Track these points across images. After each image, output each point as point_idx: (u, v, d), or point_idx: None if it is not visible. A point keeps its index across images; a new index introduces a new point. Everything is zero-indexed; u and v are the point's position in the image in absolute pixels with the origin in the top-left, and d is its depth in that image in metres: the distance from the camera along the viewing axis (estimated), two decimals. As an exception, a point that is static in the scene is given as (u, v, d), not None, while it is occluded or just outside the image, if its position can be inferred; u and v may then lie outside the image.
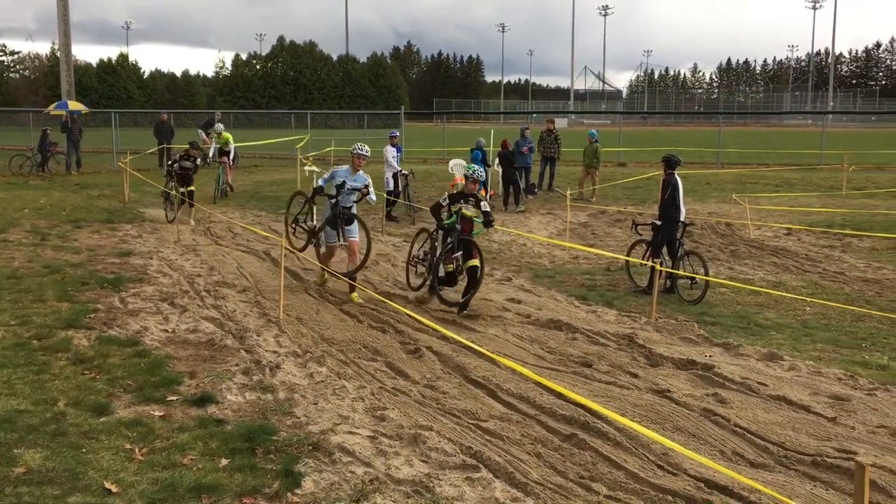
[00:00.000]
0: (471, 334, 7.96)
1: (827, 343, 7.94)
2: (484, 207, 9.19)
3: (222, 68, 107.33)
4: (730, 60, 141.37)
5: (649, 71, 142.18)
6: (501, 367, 6.85)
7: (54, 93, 57.73)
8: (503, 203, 17.89)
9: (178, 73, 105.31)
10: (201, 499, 4.54)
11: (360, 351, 7.50)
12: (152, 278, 10.32)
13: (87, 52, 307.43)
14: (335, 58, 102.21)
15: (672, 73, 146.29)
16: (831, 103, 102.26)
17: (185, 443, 5.28)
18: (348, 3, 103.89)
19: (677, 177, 10.27)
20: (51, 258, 11.51)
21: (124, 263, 11.28)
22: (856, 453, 5.21)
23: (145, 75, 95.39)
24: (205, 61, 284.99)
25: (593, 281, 10.94)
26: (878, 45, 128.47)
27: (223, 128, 18.74)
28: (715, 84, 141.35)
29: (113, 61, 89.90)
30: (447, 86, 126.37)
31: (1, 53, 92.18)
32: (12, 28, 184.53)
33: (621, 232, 14.89)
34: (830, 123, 62.68)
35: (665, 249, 10.20)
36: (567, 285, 10.62)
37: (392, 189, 16.65)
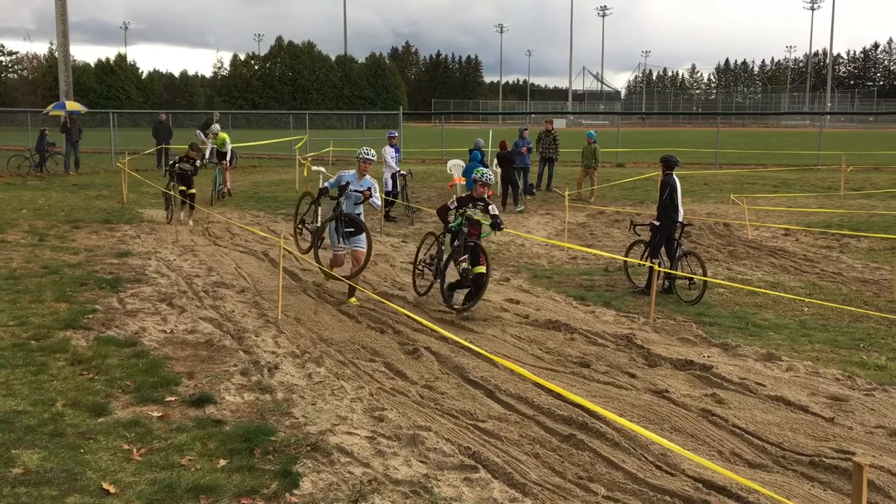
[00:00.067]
0: (469, 335, 7.96)
1: (825, 343, 7.95)
2: (492, 211, 9.08)
3: (220, 69, 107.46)
4: (728, 61, 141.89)
5: (647, 71, 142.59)
6: (500, 367, 6.86)
7: (52, 93, 57.71)
8: (502, 203, 17.89)
9: (177, 74, 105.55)
10: (199, 499, 4.54)
11: (358, 351, 7.50)
12: (151, 279, 10.32)
13: (86, 53, 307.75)
14: (333, 58, 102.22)
15: (670, 73, 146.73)
16: (829, 104, 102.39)
17: (184, 443, 5.28)
18: (347, 3, 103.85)
19: (675, 177, 10.28)
20: (49, 259, 11.50)
21: (122, 264, 11.27)
22: (854, 453, 5.21)
23: (143, 76, 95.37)
24: (203, 61, 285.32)
25: (591, 281, 10.95)
26: (876, 45, 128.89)
27: (220, 128, 18.68)
28: (713, 84, 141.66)
29: (111, 62, 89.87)
30: (446, 86, 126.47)
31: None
32: (10, 28, 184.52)
33: (619, 232, 14.90)
34: (828, 124, 62.85)
35: (663, 250, 10.21)
36: (565, 286, 10.62)
37: (391, 189, 16.69)
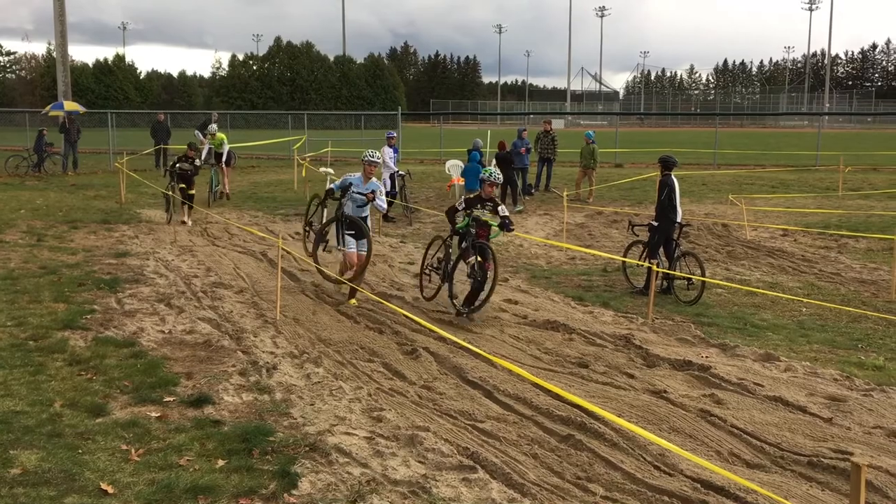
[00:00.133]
0: (467, 335, 7.96)
1: (823, 344, 7.95)
2: (502, 212, 8.88)
3: (219, 69, 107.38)
4: (726, 61, 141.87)
5: (646, 72, 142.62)
6: (498, 367, 6.86)
7: (51, 93, 57.65)
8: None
9: (175, 74, 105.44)
10: (198, 500, 4.54)
11: (356, 352, 7.50)
12: (149, 279, 10.31)
13: (84, 53, 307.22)
14: (332, 58, 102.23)
15: (668, 74, 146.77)
16: (827, 104, 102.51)
17: (182, 444, 5.27)
18: (345, 3, 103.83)
19: (674, 178, 10.29)
20: (47, 259, 11.49)
21: (121, 264, 11.26)
22: (852, 454, 5.22)
23: (142, 76, 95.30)
24: (201, 62, 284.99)
25: (590, 282, 10.95)
26: (874, 46, 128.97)
27: (217, 128, 18.58)
28: (711, 85, 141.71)
29: (109, 62, 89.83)
30: (444, 87, 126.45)
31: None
32: (9, 28, 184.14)
33: (618, 233, 14.90)
34: (826, 125, 62.92)
35: (662, 250, 10.22)
36: (564, 286, 10.62)
37: (389, 190, 16.70)
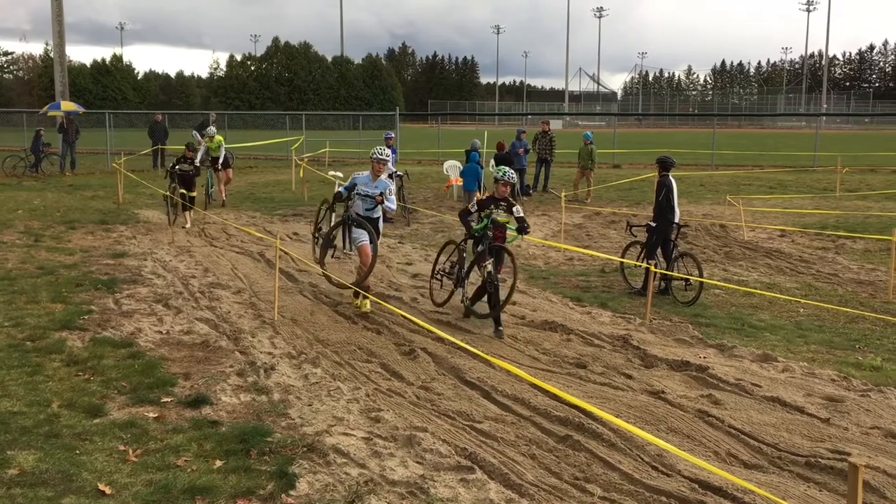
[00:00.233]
0: (465, 335, 7.96)
1: (820, 344, 7.96)
2: (517, 213, 8.50)
3: (217, 69, 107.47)
4: (724, 62, 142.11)
5: (644, 72, 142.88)
6: (496, 368, 6.86)
7: (48, 93, 57.58)
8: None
9: (173, 74, 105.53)
10: (196, 500, 4.53)
11: (354, 352, 7.50)
12: (146, 280, 10.30)
13: (82, 53, 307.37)
14: (330, 59, 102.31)
15: (666, 74, 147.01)
16: (825, 105, 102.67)
17: (180, 444, 5.27)
18: (343, 4, 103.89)
19: (671, 178, 10.30)
20: (45, 259, 11.47)
21: (118, 265, 11.25)
22: (849, 454, 5.22)
23: (139, 76, 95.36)
24: (199, 62, 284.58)
25: (588, 282, 10.95)
26: (872, 47, 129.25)
27: (215, 131, 18.40)
28: (709, 86, 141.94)
29: (107, 62, 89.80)
30: (442, 87, 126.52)
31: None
32: (6, 28, 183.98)
33: (616, 233, 14.91)
34: (824, 125, 62.94)
35: (659, 251, 10.23)
36: (562, 287, 10.63)
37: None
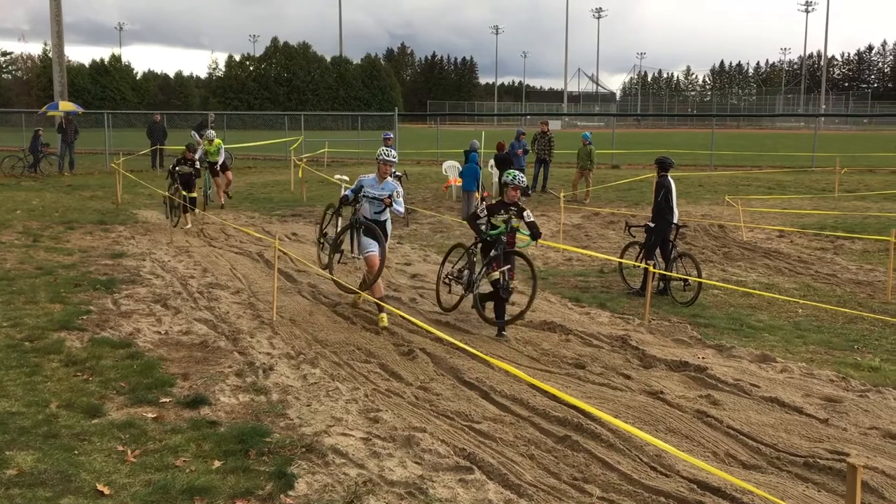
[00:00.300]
0: (464, 336, 7.96)
1: (819, 345, 7.96)
2: (528, 217, 8.27)
3: (215, 69, 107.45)
4: (723, 63, 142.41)
5: (642, 73, 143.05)
6: (495, 368, 6.86)
7: (47, 94, 57.58)
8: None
9: (172, 75, 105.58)
10: (194, 501, 4.53)
11: (353, 353, 7.49)
12: (145, 280, 10.29)
13: (80, 53, 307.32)
14: (329, 59, 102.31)
15: (665, 75, 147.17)
16: (823, 106, 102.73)
17: (178, 445, 5.27)
18: (342, 4, 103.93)
19: (670, 179, 10.31)
20: (43, 259, 11.46)
21: (117, 265, 11.25)
22: (848, 455, 5.23)
23: (138, 76, 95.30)
24: (198, 62, 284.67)
25: (587, 283, 10.96)
26: (871, 48, 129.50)
27: (215, 134, 18.24)
28: (708, 86, 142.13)
29: (106, 62, 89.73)
30: (441, 87, 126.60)
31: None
32: (5, 28, 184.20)
33: (615, 234, 14.92)
34: (822, 126, 63.00)
35: (658, 251, 10.23)
36: (560, 287, 10.63)
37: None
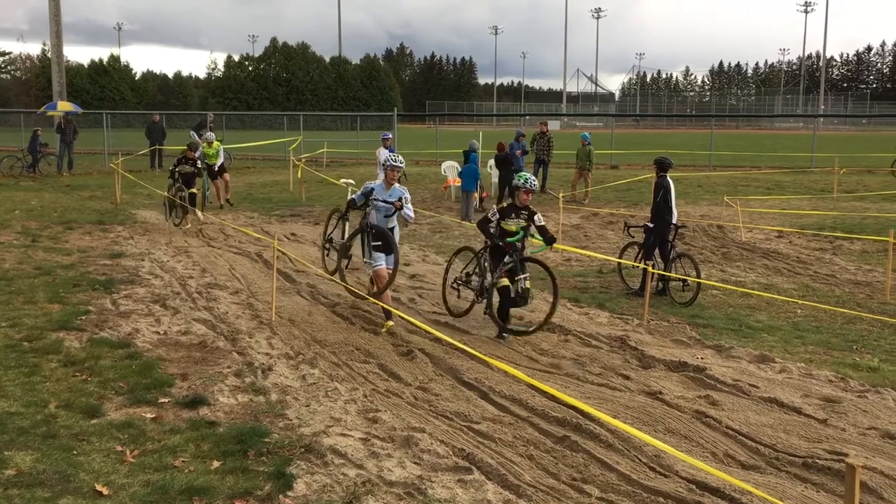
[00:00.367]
0: (463, 336, 7.96)
1: (818, 345, 7.97)
2: (538, 221, 8.15)
3: (214, 70, 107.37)
4: (722, 63, 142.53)
5: (641, 73, 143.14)
6: (494, 369, 6.86)
7: (46, 94, 57.58)
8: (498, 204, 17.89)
9: (171, 75, 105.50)
10: (193, 501, 4.53)
11: (352, 353, 7.49)
12: (144, 280, 10.29)
13: (79, 53, 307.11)
14: (328, 59, 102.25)
15: (664, 75, 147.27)
16: (822, 106, 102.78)
17: (177, 445, 5.26)
18: (341, 4, 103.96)
19: (669, 179, 10.31)
20: (42, 259, 11.46)
21: (116, 265, 11.24)
22: (847, 455, 5.23)
23: (137, 76, 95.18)
24: (197, 62, 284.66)
25: (586, 283, 10.96)
26: (869, 48, 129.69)
27: (214, 137, 18.12)
28: (707, 87, 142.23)
29: (105, 62, 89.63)
30: (440, 88, 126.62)
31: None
32: (4, 29, 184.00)
33: (613, 234, 14.92)
34: (821, 126, 63.00)
35: (657, 251, 10.23)
36: (559, 287, 10.60)
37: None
